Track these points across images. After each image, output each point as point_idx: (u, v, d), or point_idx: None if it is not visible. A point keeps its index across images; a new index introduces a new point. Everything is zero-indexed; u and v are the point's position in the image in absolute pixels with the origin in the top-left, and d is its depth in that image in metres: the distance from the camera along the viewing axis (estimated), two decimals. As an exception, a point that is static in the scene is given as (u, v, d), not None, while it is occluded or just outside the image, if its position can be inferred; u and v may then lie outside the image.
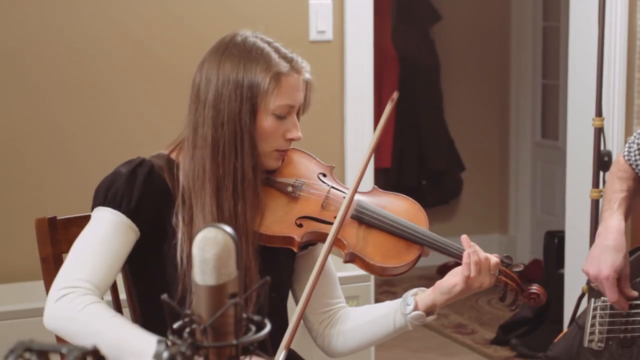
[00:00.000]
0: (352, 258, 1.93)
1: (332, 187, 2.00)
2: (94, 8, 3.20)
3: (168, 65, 3.27)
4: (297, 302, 2.06)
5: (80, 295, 1.77)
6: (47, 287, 2.00)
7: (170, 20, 3.27)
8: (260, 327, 1.21)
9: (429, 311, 1.96)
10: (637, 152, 2.35)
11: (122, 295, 2.07)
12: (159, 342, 1.12)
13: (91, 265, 1.81)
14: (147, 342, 1.72)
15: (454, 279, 1.92)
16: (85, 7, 3.19)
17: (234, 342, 1.18)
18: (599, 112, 3.40)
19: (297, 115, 1.97)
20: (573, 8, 3.84)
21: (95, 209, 1.89)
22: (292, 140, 1.94)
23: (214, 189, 1.87)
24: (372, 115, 3.60)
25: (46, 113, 3.17)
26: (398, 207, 2.02)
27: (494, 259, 1.94)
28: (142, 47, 3.27)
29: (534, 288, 1.99)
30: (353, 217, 1.95)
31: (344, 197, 1.95)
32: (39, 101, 3.16)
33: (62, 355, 1.03)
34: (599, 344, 2.27)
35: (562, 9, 5.38)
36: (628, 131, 3.67)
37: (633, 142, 2.37)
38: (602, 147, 3.40)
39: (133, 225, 1.86)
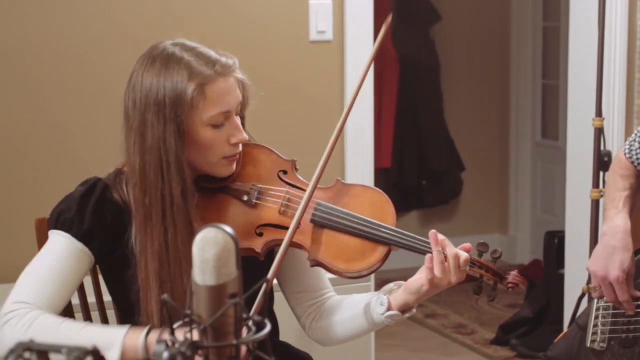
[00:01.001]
0: (316, 264, 1.87)
1: (292, 186, 1.92)
2: (94, 8, 3.19)
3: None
4: (285, 295, 2.05)
5: (23, 316, 1.72)
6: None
7: (170, 20, 3.27)
8: (260, 327, 1.21)
9: (403, 309, 1.89)
10: (638, 150, 2.33)
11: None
12: (159, 342, 1.12)
13: (37, 290, 1.77)
14: (105, 333, 1.70)
15: (420, 279, 1.85)
16: (85, 7, 3.18)
17: (234, 342, 1.18)
18: (599, 112, 3.40)
19: (241, 115, 1.90)
20: (573, 8, 3.84)
21: (49, 233, 1.85)
22: (237, 144, 1.86)
23: (142, 219, 1.79)
24: (372, 115, 3.59)
25: (46, 113, 3.17)
26: (361, 203, 1.91)
27: (463, 255, 1.84)
28: (142, 47, 3.25)
29: (512, 277, 1.90)
30: (313, 222, 1.87)
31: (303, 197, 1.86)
32: (39, 101, 3.16)
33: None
34: (601, 344, 2.26)
35: (562, 9, 5.38)
36: (628, 131, 3.67)
37: (634, 140, 2.35)
38: (602, 147, 3.40)
39: (85, 249, 1.82)
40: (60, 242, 1.83)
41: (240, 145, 1.88)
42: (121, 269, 1.85)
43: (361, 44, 3.52)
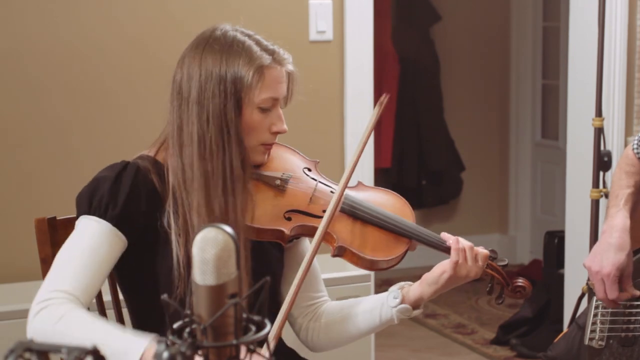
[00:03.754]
0: (341, 252, 1.92)
1: (319, 182, 1.99)
2: (93, 9, 3.20)
3: (167, 65, 3.25)
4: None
5: (57, 306, 1.72)
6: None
7: (169, 21, 3.27)
8: (260, 327, 1.21)
9: (415, 305, 1.97)
10: None
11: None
12: (159, 342, 1.12)
13: (72, 276, 1.77)
14: (126, 341, 1.67)
15: (441, 268, 1.95)
16: (83, 8, 3.19)
17: (234, 342, 1.18)
18: (599, 112, 3.40)
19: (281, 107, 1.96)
20: (573, 8, 3.84)
21: (80, 218, 1.84)
22: (277, 133, 1.93)
23: (202, 187, 1.84)
24: (372, 115, 3.59)
25: (46, 113, 3.17)
26: (385, 201, 2.02)
27: (482, 250, 1.96)
28: (141, 48, 3.27)
29: (520, 281, 2.02)
30: (342, 211, 1.95)
31: (332, 192, 1.95)
32: (38, 101, 3.16)
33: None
34: (600, 342, 2.26)
35: (562, 9, 5.38)
36: (628, 131, 3.67)
37: None
38: (602, 147, 3.40)
39: (119, 233, 1.82)
40: (93, 228, 1.82)
41: (277, 137, 1.95)
42: (151, 246, 1.85)
43: (361, 44, 3.52)
